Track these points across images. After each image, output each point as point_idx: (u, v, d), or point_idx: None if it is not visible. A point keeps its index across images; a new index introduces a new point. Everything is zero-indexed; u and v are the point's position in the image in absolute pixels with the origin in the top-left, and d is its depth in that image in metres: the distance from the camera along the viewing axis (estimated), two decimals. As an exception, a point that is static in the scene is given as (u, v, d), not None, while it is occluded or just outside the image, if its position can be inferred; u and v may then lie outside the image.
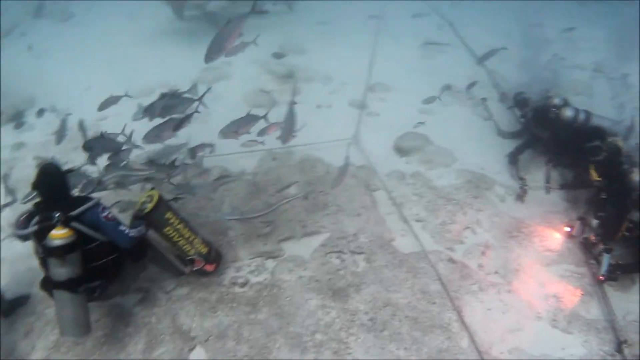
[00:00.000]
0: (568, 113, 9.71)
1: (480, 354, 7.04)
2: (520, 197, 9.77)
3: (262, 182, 9.94)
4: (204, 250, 7.74)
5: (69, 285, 6.26)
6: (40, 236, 6.27)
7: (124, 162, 8.69)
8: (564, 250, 8.66)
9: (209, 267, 7.88)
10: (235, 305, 7.74)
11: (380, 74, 13.76)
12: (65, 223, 6.19)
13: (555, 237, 8.86)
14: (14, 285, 8.33)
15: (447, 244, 8.79)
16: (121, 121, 9.42)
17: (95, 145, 8.68)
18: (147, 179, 8.63)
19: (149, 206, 7.11)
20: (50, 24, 18.39)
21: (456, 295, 7.83)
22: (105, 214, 6.56)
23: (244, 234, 8.74)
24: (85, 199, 6.62)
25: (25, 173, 10.21)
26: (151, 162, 8.65)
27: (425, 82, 13.42)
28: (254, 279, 8.18)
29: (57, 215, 6.16)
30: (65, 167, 7.03)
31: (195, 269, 7.77)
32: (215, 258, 7.99)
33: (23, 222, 6.47)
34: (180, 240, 7.45)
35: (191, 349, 7.25)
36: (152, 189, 7.61)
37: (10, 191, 9.90)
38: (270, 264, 8.44)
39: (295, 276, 8.13)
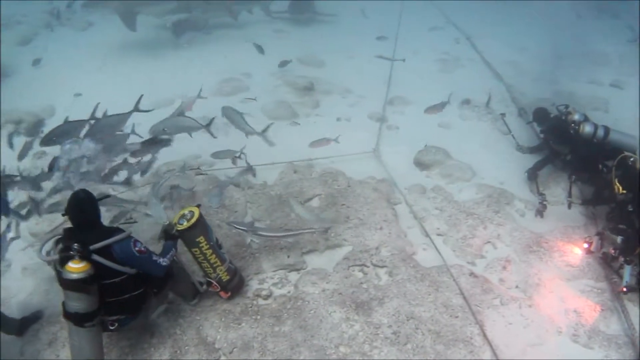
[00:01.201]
0: (587, 129, 9.72)
1: (502, 368, 7.04)
2: (540, 212, 9.79)
3: (284, 194, 9.99)
4: (225, 278, 7.67)
5: (76, 319, 6.12)
6: (60, 264, 6.06)
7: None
8: (583, 265, 8.67)
9: (224, 295, 7.84)
10: (259, 317, 7.78)
11: (398, 87, 13.82)
12: (84, 256, 5.94)
13: (575, 252, 8.87)
14: (37, 296, 8.38)
15: (468, 258, 8.84)
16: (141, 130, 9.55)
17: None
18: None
19: (185, 224, 7.08)
20: (69, 33, 18.43)
21: (478, 309, 7.87)
22: (138, 247, 6.36)
23: (267, 247, 8.79)
24: (115, 231, 6.42)
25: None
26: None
27: (444, 96, 13.42)
28: (277, 292, 8.24)
29: (75, 247, 5.90)
30: (97, 195, 6.89)
31: (210, 290, 7.75)
32: (234, 287, 7.94)
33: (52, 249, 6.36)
34: (203, 263, 7.45)
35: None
36: (198, 205, 7.52)
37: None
38: (293, 276, 8.50)
39: (319, 289, 8.18)
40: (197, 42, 16.68)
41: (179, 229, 7.09)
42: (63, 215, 6.39)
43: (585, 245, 8.77)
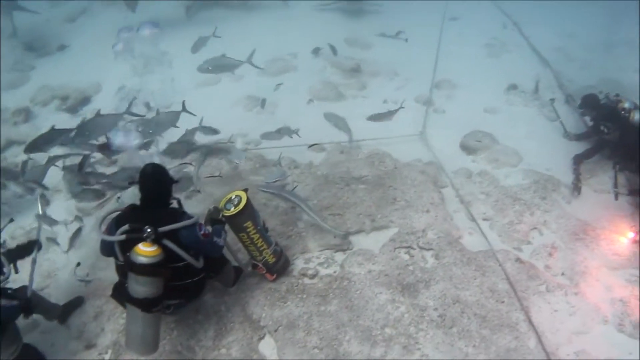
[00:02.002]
0: (637, 116, 9.65)
1: (548, 355, 7.06)
2: (577, 188, 9.90)
3: (330, 174, 10.03)
4: (271, 260, 7.66)
5: (145, 305, 5.87)
6: (125, 246, 5.93)
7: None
8: (630, 254, 8.61)
9: (270, 277, 7.84)
10: (305, 296, 7.84)
11: (445, 71, 13.74)
12: (156, 240, 5.79)
13: (621, 241, 8.81)
14: (81, 271, 8.54)
15: (514, 243, 8.82)
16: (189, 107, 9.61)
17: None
18: None
19: (233, 210, 6.98)
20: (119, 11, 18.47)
21: (524, 295, 7.86)
22: (202, 231, 6.21)
23: (313, 226, 8.84)
24: (182, 214, 6.26)
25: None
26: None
27: (491, 80, 13.40)
28: (323, 271, 8.28)
29: (148, 230, 5.72)
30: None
31: (255, 271, 7.78)
32: (280, 268, 7.92)
33: (109, 228, 6.17)
34: (250, 247, 7.41)
35: (260, 338, 7.35)
36: (245, 190, 7.39)
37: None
38: (339, 256, 8.53)
39: (365, 270, 8.21)
40: (241, 20, 16.67)
41: (226, 214, 7.00)
42: (130, 184, 6.54)
43: (631, 235, 8.70)
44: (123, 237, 5.86)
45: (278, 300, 7.74)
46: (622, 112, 9.86)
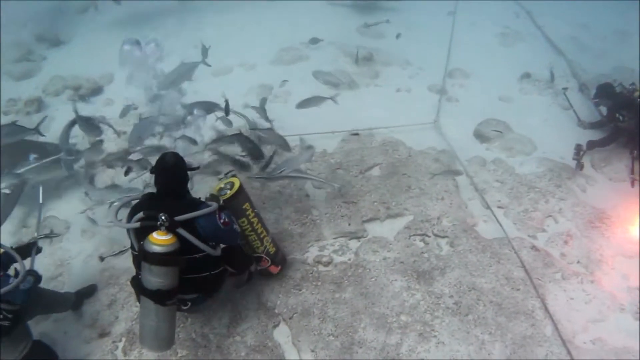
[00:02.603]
0: (653, 104, 9.63)
1: (564, 343, 7.04)
2: (579, 165, 9.96)
3: (344, 162, 9.98)
4: (272, 249, 7.55)
5: (158, 297, 5.64)
6: (140, 234, 5.73)
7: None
8: (647, 242, 8.52)
9: (274, 269, 7.70)
10: (319, 283, 7.85)
11: (458, 60, 13.67)
12: (171, 228, 5.53)
13: (637, 228, 8.75)
14: (94, 259, 8.57)
15: (529, 231, 8.79)
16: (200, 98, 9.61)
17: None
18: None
19: (229, 193, 6.82)
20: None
21: (539, 283, 7.84)
22: (223, 219, 6.00)
23: (327, 213, 8.83)
24: (200, 204, 6.02)
25: (108, 146, 10.38)
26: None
27: (504, 69, 13.34)
28: (338, 259, 8.27)
29: (162, 217, 5.45)
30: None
31: (260, 268, 7.56)
32: (280, 260, 7.82)
33: (129, 214, 5.98)
34: (251, 235, 7.18)
35: (275, 325, 7.37)
36: (233, 175, 7.31)
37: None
38: (354, 244, 8.52)
39: (380, 257, 8.20)
40: (253, 9, 16.62)
41: (224, 198, 6.80)
42: (151, 173, 6.06)
43: None
44: (137, 224, 5.63)
45: (293, 288, 7.75)
46: (638, 99, 9.79)
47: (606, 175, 9.99)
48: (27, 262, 6.50)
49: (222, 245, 6.40)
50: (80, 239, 8.57)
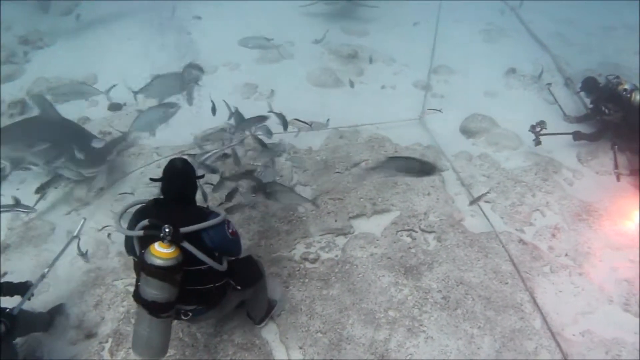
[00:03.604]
0: (638, 97, 9.63)
1: (554, 335, 7.04)
2: (537, 140, 10.09)
3: (330, 159, 9.92)
4: None
5: (152, 308, 5.36)
6: (142, 243, 5.42)
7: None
8: (634, 234, 8.57)
9: None
10: (307, 280, 7.80)
11: (442, 56, 13.68)
12: (174, 241, 5.23)
13: (624, 221, 8.77)
14: (80, 261, 8.41)
15: (516, 225, 8.79)
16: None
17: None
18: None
19: None
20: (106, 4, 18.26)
21: (528, 276, 7.84)
22: (231, 229, 5.72)
23: (313, 210, 8.78)
24: (209, 213, 5.69)
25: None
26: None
27: (489, 65, 13.37)
28: (325, 255, 8.23)
29: (166, 229, 5.15)
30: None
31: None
32: None
33: (132, 219, 5.69)
34: None
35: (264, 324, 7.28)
36: None
37: None
38: (340, 240, 8.48)
39: (367, 253, 8.16)
40: (239, 4, 16.58)
41: None
42: (154, 180, 5.79)
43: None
44: (141, 233, 5.33)
45: (280, 285, 7.68)
46: (624, 93, 9.80)
47: (592, 169, 10.00)
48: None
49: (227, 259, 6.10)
50: (65, 240, 8.45)
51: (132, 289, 7.55)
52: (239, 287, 6.20)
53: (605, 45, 14.44)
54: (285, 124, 9.34)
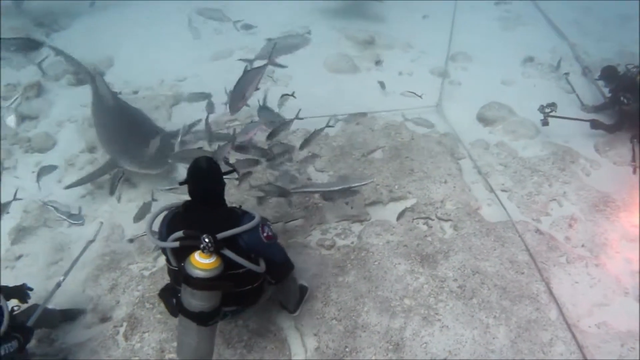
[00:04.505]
0: (658, 88, 9.57)
1: (569, 327, 7.00)
2: (545, 121, 10.09)
3: (346, 146, 9.91)
4: None
5: (200, 318, 5.28)
6: (179, 253, 5.29)
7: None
8: (652, 227, 8.48)
9: None
10: (322, 267, 7.78)
11: (460, 43, 13.61)
12: (215, 251, 5.10)
13: (640, 213, 8.73)
14: (96, 244, 8.40)
15: (533, 215, 8.75)
16: (201, 83, 9.50)
17: None
18: None
19: None
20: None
21: (544, 267, 7.80)
22: (266, 232, 5.56)
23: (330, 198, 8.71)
24: (242, 215, 5.56)
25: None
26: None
27: (507, 53, 13.30)
28: (340, 242, 8.22)
29: (206, 240, 4.98)
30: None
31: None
32: None
33: (163, 226, 5.58)
34: None
35: (278, 310, 7.28)
36: None
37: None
38: (356, 227, 8.47)
39: (383, 240, 8.14)
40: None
41: None
42: (181, 184, 5.61)
43: None
44: (176, 244, 5.18)
45: (295, 271, 7.63)
46: (640, 82, 9.74)
47: (610, 159, 9.93)
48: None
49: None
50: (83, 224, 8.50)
51: (146, 273, 7.62)
52: (273, 282, 6.09)
53: (622, 34, 14.31)
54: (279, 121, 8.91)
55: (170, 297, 5.72)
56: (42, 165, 9.43)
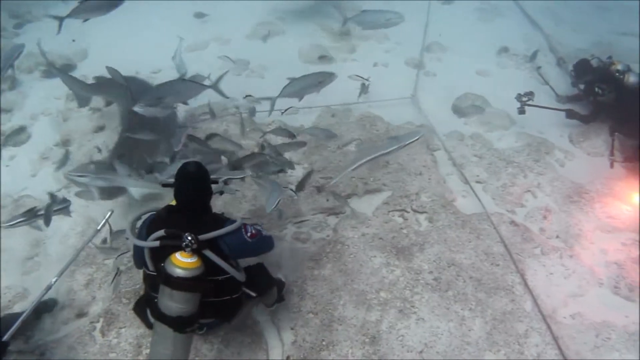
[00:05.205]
0: (632, 79, 9.59)
1: (544, 318, 7.05)
2: (521, 108, 10.13)
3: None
4: None
5: (178, 324, 5.09)
6: (159, 254, 5.16)
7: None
8: (625, 217, 8.59)
9: None
10: (298, 260, 7.78)
11: (435, 34, 13.61)
12: (197, 250, 5.03)
13: (616, 203, 8.82)
14: (72, 239, 8.38)
15: (508, 206, 8.80)
16: (176, 75, 9.45)
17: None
18: None
19: None
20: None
21: (519, 258, 7.84)
22: (250, 232, 5.49)
23: (305, 190, 8.69)
24: (225, 220, 5.51)
25: (82, 123, 10.18)
26: None
27: (482, 43, 13.30)
28: (316, 235, 8.21)
29: (188, 237, 4.92)
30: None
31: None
32: None
33: (138, 232, 5.49)
34: None
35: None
36: None
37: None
38: (332, 220, 8.47)
39: (359, 233, 8.13)
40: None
41: None
42: (164, 186, 5.63)
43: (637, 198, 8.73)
44: (157, 243, 5.09)
45: (270, 266, 7.59)
46: (617, 74, 9.76)
47: (584, 150, 9.99)
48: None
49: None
50: (55, 218, 8.36)
51: (122, 268, 7.56)
52: (254, 295, 5.99)
53: (597, 24, 14.37)
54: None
55: (145, 307, 5.62)
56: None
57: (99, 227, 7.45)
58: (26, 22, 15.14)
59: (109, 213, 7.52)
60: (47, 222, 7.43)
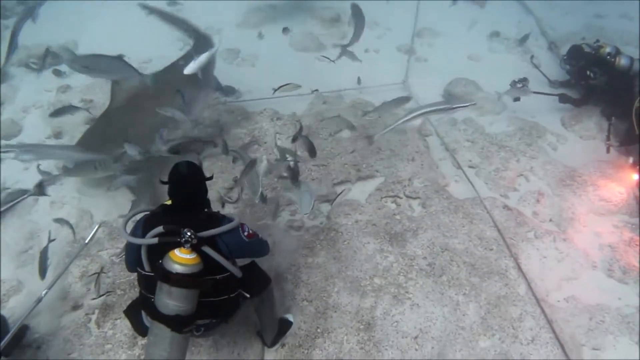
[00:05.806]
0: (623, 61, 9.63)
1: (538, 302, 7.06)
2: (517, 98, 9.87)
3: (313, 125, 9.89)
4: None
5: (176, 323, 4.98)
6: (157, 252, 5.04)
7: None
8: (618, 200, 8.61)
9: None
10: (292, 248, 7.76)
11: (426, 20, 13.57)
12: (196, 246, 4.94)
13: (609, 186, 8.83)
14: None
15: (501, 190, 8.82)
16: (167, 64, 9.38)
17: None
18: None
19: None
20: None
21: (512, 242, 7.85)
22: (246, 231, 5.40)
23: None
24: (222, 218, 5.40)
25: (73, 115, 10.10)
26: None
27: (473, 28, 13.29)
28: (309, 223, 8.20)
29: (187, 233, 4.85)
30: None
31: None
32: None
33: (133, 231, 5.34)
34: None
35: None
36: None
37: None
38: (325, 207, 8.45)
39: (352, 220, 8.14)
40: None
41: None
42: (162, 183, 5.37)
43: (636, 177, 8.69)
44: (155, 240, 4.96)
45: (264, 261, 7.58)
46: (608, 57, 9.77)
47: (577, 134, 10.02)
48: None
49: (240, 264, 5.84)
50: (49, 211, 8.37)
51: (116, 259, 7.52)
52: (248, 295, 5.79)
53: (587, 7, 14.33)
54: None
55: (139, 311, 5.53)
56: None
57: (87, 241, 7.52)
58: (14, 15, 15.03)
59: (96, 227, 7.54)
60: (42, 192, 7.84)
